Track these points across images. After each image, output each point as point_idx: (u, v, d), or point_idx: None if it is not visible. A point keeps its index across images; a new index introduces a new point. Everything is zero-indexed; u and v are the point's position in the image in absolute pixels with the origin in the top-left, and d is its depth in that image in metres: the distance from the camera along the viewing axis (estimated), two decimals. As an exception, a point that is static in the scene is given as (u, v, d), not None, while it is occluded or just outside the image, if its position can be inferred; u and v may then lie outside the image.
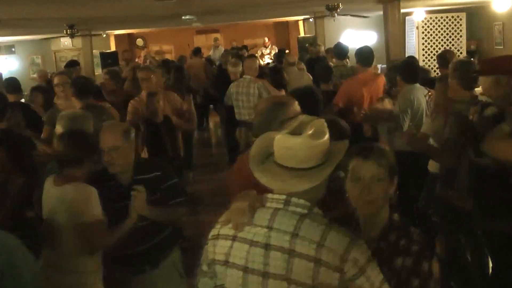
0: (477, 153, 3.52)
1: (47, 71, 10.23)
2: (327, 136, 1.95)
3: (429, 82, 5.50)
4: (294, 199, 1.90)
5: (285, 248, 1.84)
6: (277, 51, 14.98)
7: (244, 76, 7.08)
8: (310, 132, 1.90)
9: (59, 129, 3.87)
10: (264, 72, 7.73)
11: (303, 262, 1.81)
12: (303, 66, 8.45)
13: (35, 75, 9.28)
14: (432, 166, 4.55)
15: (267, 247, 1.87)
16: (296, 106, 2.73)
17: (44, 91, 6.53)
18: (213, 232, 2.06)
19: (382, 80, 6.17)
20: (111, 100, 6.61)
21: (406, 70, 5.31)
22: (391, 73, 5.61)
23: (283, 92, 6.64)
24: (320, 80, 6.70)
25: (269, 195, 1.95)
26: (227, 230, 1.99)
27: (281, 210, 1.90)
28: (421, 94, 5.19)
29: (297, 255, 1.82)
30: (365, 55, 6.18)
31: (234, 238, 1.95)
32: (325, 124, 1.98)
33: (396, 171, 2.15)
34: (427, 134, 4.40)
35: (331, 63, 8.25)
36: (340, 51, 7.89)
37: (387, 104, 5.40)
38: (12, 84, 6.42)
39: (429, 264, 2.04)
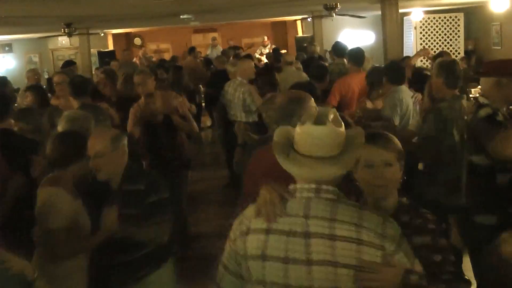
0: (471, 151, 3.64)
1: (39, 71, 9.59)
2: (343, 124, 2.00)
3: (421, 79, 5.54)
4: (324, 187, 1.93)
5: (326, 234, 1.87)
6: (271, 51, 14.98)
7: (237, 77, 7.08)
8: (331, 120, 1.94)
9: (59, 129, 3.85)
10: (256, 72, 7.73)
11: (346, 244, 1.86)
12: (300, 65, 8.47)
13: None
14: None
15: (307, 235, 1.89)
16: (312, 101, 2.80)
17: (37, 90, 6.34)
18: (241, 228, 2.02)
19: None
20: (105, 99, 6.61)
21: (393, 72, 5.42)
22: (372, 77, 5.69)
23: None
24: (314, 79, 6.76)
25: (298, 186, 1.96)
26: (259, 223, 1.97)
27: (313, 198, 1.93)
28: (407, 96, 5.31)
29: (339, 238, 1.86)
30: (356, 55, 6.49)
31: (268, 231, 1.94)
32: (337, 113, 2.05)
33: (404, 155, 2.22)
34: (413, 131, 4.57)
35: (329, 61, 8.28)
36: (339, 49, 8.05)
37: (370, 105, 5.45)
38: None
39: (446, 240, 2.12)
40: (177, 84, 7.53)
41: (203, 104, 10.78)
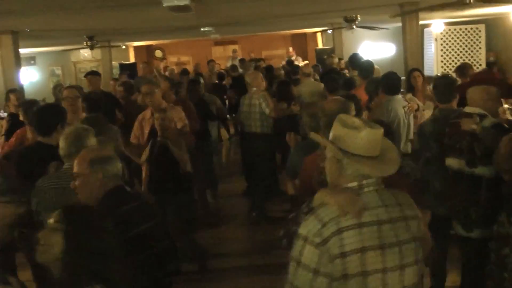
0: (471, 163, 3.63)
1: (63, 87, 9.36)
2: None
3: None
4: (378, 179, 2.22)
5: (401, 216, 2.20)
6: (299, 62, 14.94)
7: (253, 87, 7.11)
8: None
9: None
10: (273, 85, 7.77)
11: (414, 221, 2.24)
12: (317, 76, 8.53)
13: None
14: None
15: (392, 221, 2.18)
16: (353, 106, 3.39)
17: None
18: (329, 230, 2.10)
19: None
20: (124, 113, 6.70)
21: (387, 83, 5.62)
22: (369, 87, 5.89)
23: (284, 105, 6.99)
24: (328, 91, 6.83)
25: (364, 181, 2.19)
26: (349, 221, 2.12)
27: (379, 190, 2.22)
28: (399, 106, 5.47)
29: (409, 217, 2.22)
30: (365, 68, 6.91)
31: (360, 225, 2.13)
32: None
33: None
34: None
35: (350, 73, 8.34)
36: (354, 62, 8.24)
37: (364, 116, 5.54)
38: None
39: None
40: (191, 97, 7.47)
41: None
